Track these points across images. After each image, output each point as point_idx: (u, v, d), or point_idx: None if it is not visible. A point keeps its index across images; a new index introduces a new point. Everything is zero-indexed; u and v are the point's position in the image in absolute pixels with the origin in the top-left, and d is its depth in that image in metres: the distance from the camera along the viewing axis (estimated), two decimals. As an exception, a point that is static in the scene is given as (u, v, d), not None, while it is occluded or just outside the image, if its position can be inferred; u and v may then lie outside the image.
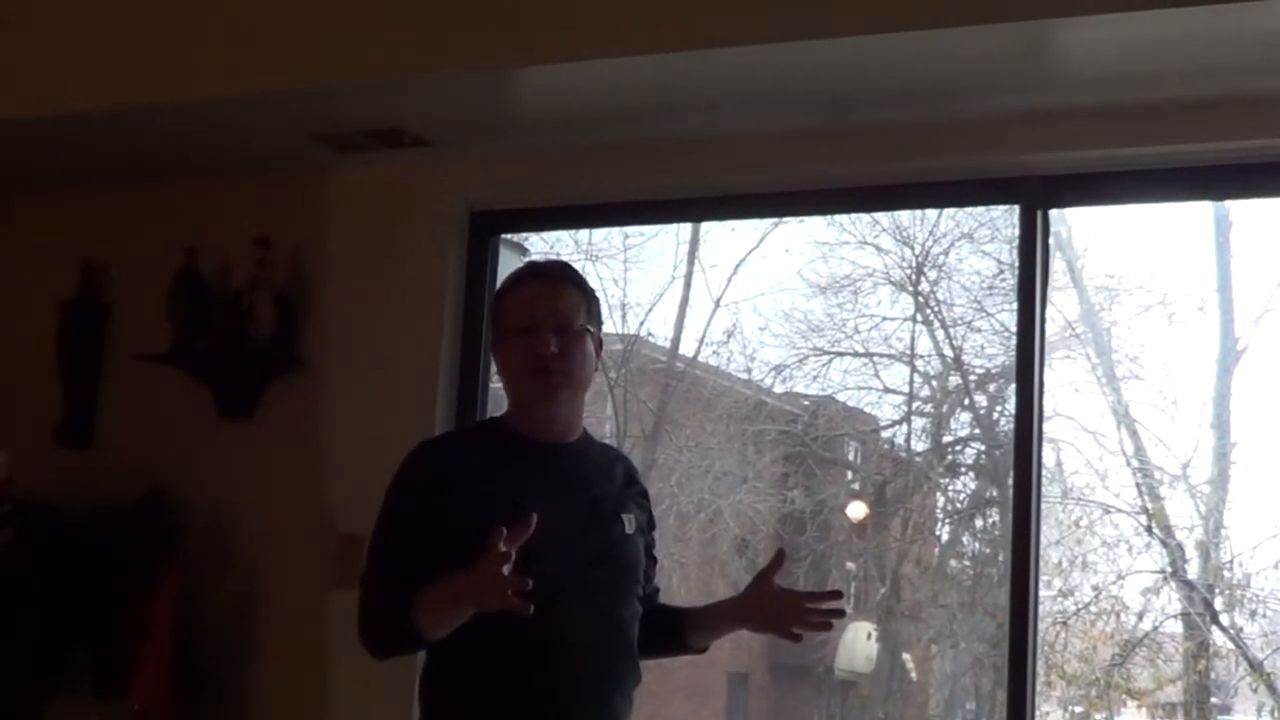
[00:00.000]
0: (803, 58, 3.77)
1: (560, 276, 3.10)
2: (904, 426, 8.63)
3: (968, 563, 8.54)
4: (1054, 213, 4.26)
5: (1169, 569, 7.41)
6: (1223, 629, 7.30)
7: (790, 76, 3.92)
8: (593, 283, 3.15)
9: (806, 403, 8.63)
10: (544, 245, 7.56)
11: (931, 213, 7.60)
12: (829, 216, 7.36)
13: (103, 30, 4.43)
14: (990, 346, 7.96)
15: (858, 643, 8.68)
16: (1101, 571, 7.59)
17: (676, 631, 3.23)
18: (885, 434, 8.66)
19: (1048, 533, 7.07)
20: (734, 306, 8.40)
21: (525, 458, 3.02)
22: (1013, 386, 4.13)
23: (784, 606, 3.11)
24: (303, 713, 4.54)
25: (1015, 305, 4.14)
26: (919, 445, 8.60)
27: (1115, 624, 7.64)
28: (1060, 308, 7.50)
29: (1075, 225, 7.44)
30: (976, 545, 8.49)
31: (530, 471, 3.00)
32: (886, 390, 8.44)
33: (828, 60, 3.80)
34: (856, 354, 8.31)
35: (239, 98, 4.29)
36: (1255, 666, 7.17)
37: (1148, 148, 3.96)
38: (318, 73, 4.20)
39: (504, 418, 3.11)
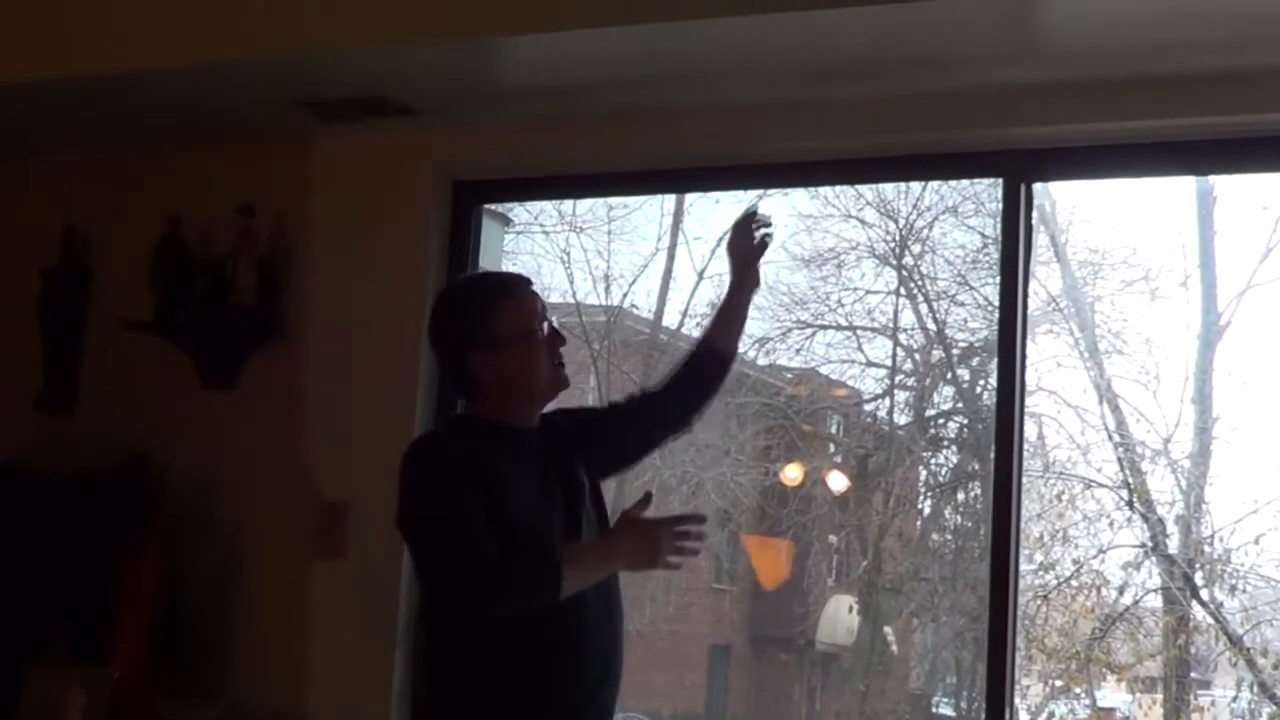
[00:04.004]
0: (787, 28, 3.75)
1: (531, 284, 3.29)
2: (886, 400, 8.66)
3: (949, 536, 8.58)
4: (1038, 187, 4.24)
5: (1150, 544, 7.45)
6: (1203, 604, 7.35)
7: (774, 47, 3.91)
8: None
9: (790, 375, 8.66)
10: (527, 216, 7.57)
11: (915, 186, 7.62)
12: (813, 189, 7.37)
13: (85, -5, 4.40)
14: (973, 320, 7.99)
15: (839, 615, 8.72)
16: (1082, 546, 7.63)
17: (709, 349, 3.58)
18: (868, 407, 8.68)
19: (1029, 507, 7.11)
20: (718, 279, 8.42)
21: (519, 445, 3.14)
22: (995, 361, 4.13)
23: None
24: (284, 680, 4.53)
25: (998, 279, 4.14)
26: (901, 419, 8.63)
27: (1096, 598, 7.68)
28: (1043, 282, 7.53)
29: (1059, 200, 7.47)
30: (958, 519, 8.53)
31: (526, 457, 3.13)
32: (869, 364, 8.47)
33: (812, 31, 3.79)
34: (840, 327, 8.34)
35: (223, 64, 4.26)
36: (1235, 641, 7.21)
37: (1132, 122, 3.95)
38: (303, 40, 4.17)
39: (482, 413, 3.18)
